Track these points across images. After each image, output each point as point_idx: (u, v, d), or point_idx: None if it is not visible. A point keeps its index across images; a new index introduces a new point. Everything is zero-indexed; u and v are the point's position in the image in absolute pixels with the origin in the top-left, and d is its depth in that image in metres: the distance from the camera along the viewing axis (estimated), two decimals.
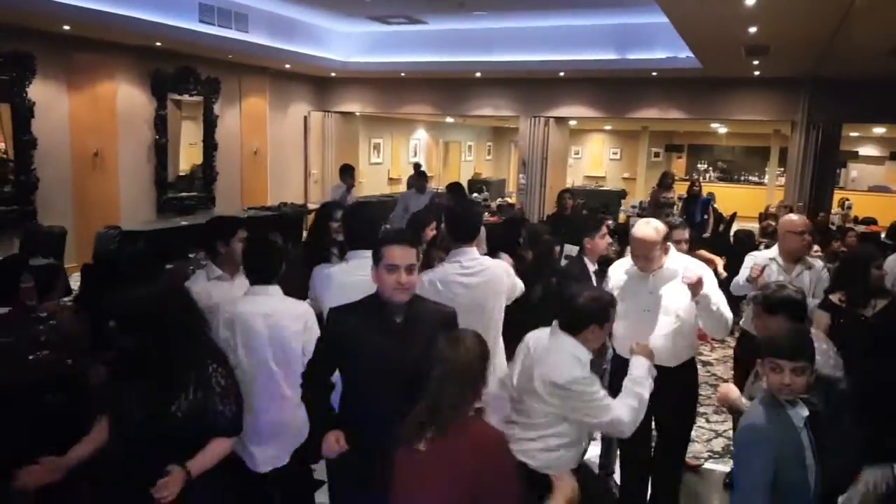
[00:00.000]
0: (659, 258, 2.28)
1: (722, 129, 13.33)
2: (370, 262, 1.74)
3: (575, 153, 14.43)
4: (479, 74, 8.33)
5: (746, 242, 5.23)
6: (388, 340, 1.63)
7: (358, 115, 9.87)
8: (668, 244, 2.32)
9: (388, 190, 11.07)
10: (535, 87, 8.42)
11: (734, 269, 3.01)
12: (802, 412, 1.61)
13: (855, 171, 13.38)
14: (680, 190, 7.82)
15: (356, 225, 2.38)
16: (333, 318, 1.76)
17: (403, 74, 8.61)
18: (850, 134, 11.65)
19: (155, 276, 2.50)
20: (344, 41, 8.24)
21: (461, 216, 2.38)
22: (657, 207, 6.81)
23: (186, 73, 7.14)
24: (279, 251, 2.17)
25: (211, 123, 7.60)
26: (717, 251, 3.77)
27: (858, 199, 10.70)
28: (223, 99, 7.74)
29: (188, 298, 1.69)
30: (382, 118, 10.76)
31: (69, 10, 5.13)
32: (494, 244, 3.25)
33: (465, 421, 1.39)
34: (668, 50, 6.82)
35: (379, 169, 11.45)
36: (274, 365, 2.00)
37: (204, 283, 2.25)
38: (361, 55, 8.29)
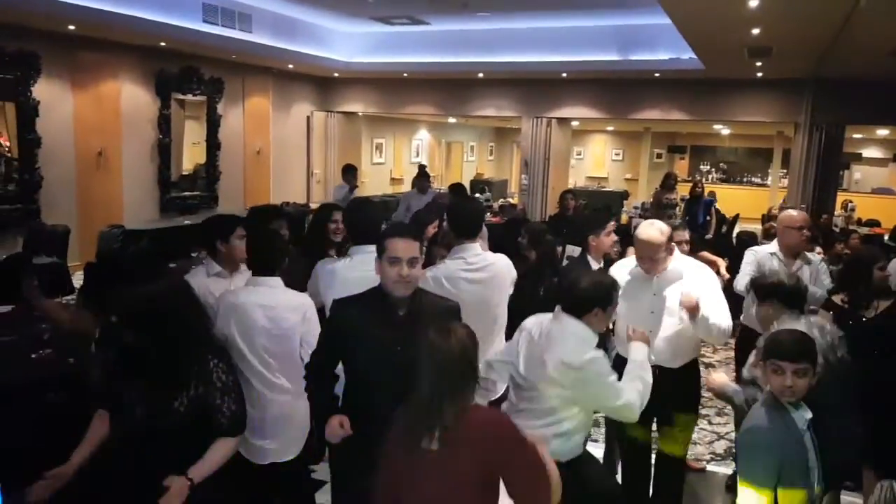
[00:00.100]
0: (664, 260, 2.28)
1: (725, 130, 13.31)
2: (373, 256, 1.74)
3: (577, 154, 14.41)
4: (481, 75, 8.33)
5: (749, 244, 5.21)
6: (391, 333, 1.63)
7: (360, 115, 9.88)
8: (672, 245, 2.32)
9: (390, 190, 11.08)
10: (537, 87, 8.41)
11: (736, 270, 3.01)
12: (805, 414, 1.61)
13: (858, 172, 13.33)
14: (682, 191, 7.82)
15: (358, 220, 2.37)
16: (336, 309, 1.75)
17: (406, 75, 8.61)
18: (853, 136, 11.63)
19: (158, 275, 2.51)
20: (347, 41, 8.25)
21: (464, 212, 2.37)
22: (660, 208, 6.81)
23: (190, 72, 7.16)
24: (282, 243, 2.18)
25: (214, 123, 7.62)
26: (719, 252, 3.75)
27: (862, 201, 10.66)
28: (226, 99, 7.76)
29: (191, 295, 1.69)
30: (385, 118, 10.77)
31: (74, 9, 5.15)
32: (496, 244, 3.25)
33: (466, 410, 1.39)
34: (670, 51, 6.81)
35: (381, 169, 11.46)
36: (272, 357, 2.00)
37: (203, 278, 2.25)
38: (364, 55, 8.30)
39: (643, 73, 7.43)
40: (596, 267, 2.80)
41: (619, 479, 2.70)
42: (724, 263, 3.23)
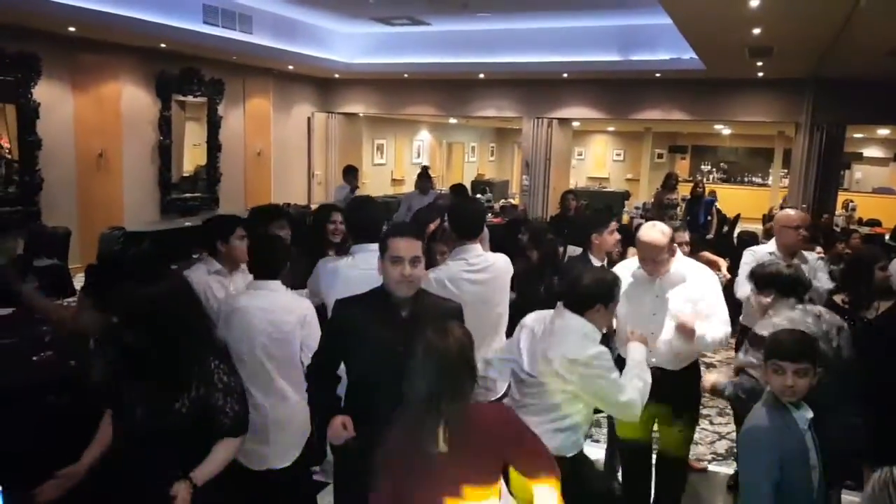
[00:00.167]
0: (666, 261, 2.28)
1: (725, 130, 13.30)
2: (375, 255, 1.74)
3: (578, 154, 14.41)
4: (482, 75, 8.33)
5: (750, 244, 5.20)
6: (393, 334, 1.62)
7: (361, 116, 9.89)
8: (674, 246, 2.32)
9: (391, 191, 11.09)
10: (538, 88, 8.41)
11: (738, 270, 3.00)
12: (806, 414, 1.61)
13: (859, 172, 13.32)
14: (683, 191, 7.81)
15: (360, 219, 2.37)
16: (339, 309, 1.74)
17: (407, 75, 8.62)
18: (854, 135, 11.61)
19: (159, 276, 2.51)
20: (347, 42, 8.26)
21: (465, 212, 2.36)
22: (661, 209, 6.81)
23: (190, 74, 7.17)
24: (284, 247, 2.18)
25: (215, 124, 7.63)
26: (720, 253, 3.75)
27: (863, 200, 10.64)
28: (227, 100, 7.77)
29: (192, 296, 1.69)
30: (386, 119, 10.78)
31: (74, 11, 5.16)
32: (497, 245, 3.25)
33: (469, 409, 1.40)
34: (671, 51, 6.81)
35: (382, 170, 11.47)
36: (272, 361, 1.99)
37: (203, 275, 2.26)
38: (365, 56, 8.31)
39: (644, 73, 7.42)
40: (598, 265, 2.80)
41: (619, 479, 2.71)
42: (724, 264, 3.22)
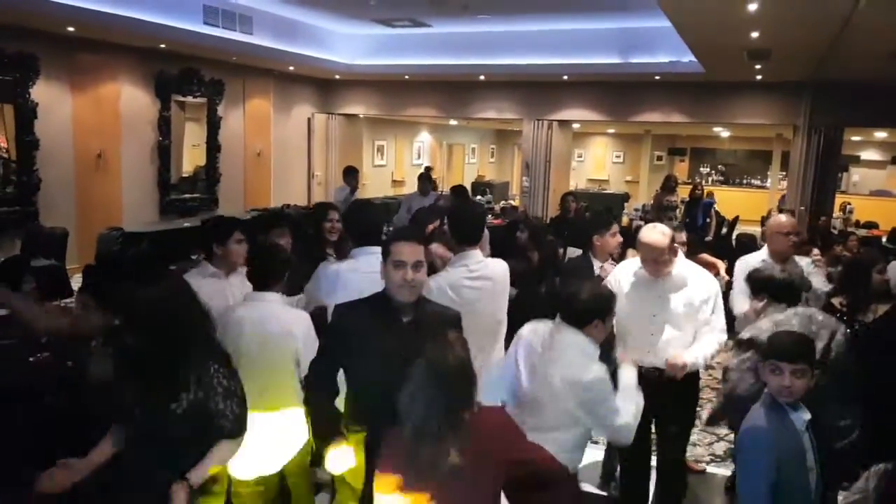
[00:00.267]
0: (669, 262, 2.29)
1: (724, 132, 13.32)
2: (377, 258, 1.73)
3: (578, 156, 14.42)
4: (482, 77, 8.34)
5: (749, 246, 5.22)
6: (394, 341, 1.61)
7: (362, 117, 9.89)
8: (675, 246, 2.32)
9: (391, 192, 11.09)
10: (538, 90, 8.42)
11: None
12: (804, 415, 1.62)
13: (857, 175, 13.34)
14: (683, 193, 7.83)
15: (359, 222, 2.37)
16: (339, 314, 1.73)
17: (407, 77, 8.62)
18: (851, 138, 11.63)
19: (161, 277, 2.51)
20: (348, 43, 8.27)
21: (465, 216, 2.36)
22: (660, 210, 6.82)
23: (190, 74, 7.17)
24: (282, 258, 2.16)
25: (214, 125, 7.63)
26: (718, 254, 3.76)
27: (860, 203, 10.68)
28: (227, 100, 7.76)
29: (193, 298, 1.68)
30: (386, 120, 10.78)
31: (73, 11, 5.15)
32: (498, 246, 3.25)
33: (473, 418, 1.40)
34: (670, 54, 6.82)
35: (382, 171, 11.47)
36: (262, 371, 1.98)
37: (198, 280, 2.24)
38: (366, 57, 8.31)
39: (644, 75, 7.43)
40: (599, 266, 2.80)
41: (618, 480, 2.71)
42: (723, 265, 3.23)
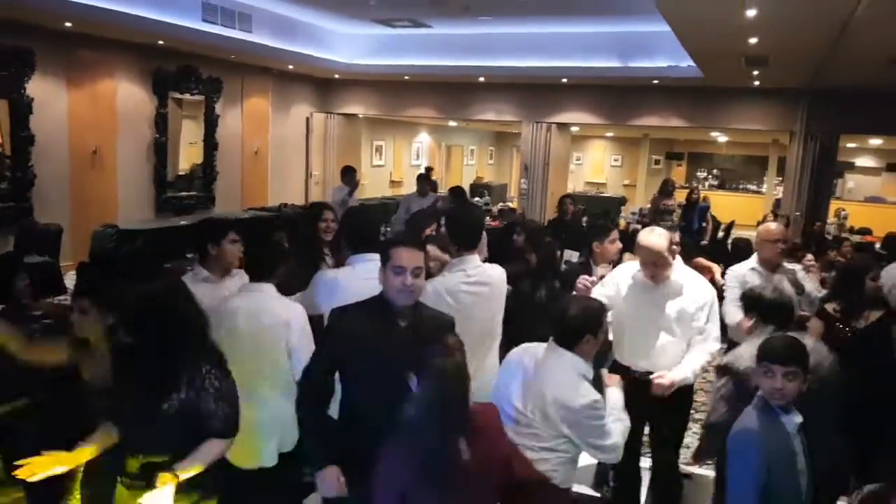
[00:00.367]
0: (668, 265, 2.29)
1: (722, 137, 13.38)
2: (374, 265, 1.73)
3: (576, 159, 14.46)
4: (482, 79, 8.35)
5: (744, 250, 5.23)
6: (391, 345, 1.61)
7: (361, 117, 9.89)
8: (675, 248, 2.33)
9: (389, 192, 11.08)
10: (537, 92, 8.44)
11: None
12: (795, 418, 1.63)
13: (851, 181, 13.43)
14: (680, 197, 7.86)
15: (356, 228, 2.36)
16: (336, 317, 1.72)
17: (407, 77, 8.63)
18: (846, 145, 11.70)
19: (153, 275, 2.50)
20: (348, 43, 8.26)
21: (463, 222, 2.34)
22: (657, 214, 6.85)
23: (188, 71, 7.14)
24: (279, 251, 2.16)
25: (212, 123, 7.60)
26: (714, 258, 3.77)
27: (854, 209, 10.74)
28: (225, 98, 7.74)
29: (189, 296, 1.67)
30: (385, 121, 10.78)
31: (71, 6, 5.13)
32: (495, 248, 3.24)
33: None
34: (669, 58, 6.85)
35: (381, 171, 11.46)
36: (257, 363, 1.98)
37: (191, 285, 2.23)
38: (365, 57, 8.31)
39: (642, 79, 7.46)
40: (600, 274, 2.77)
41: (611, 483, 2.71)
42: (718, 269, 3.24)
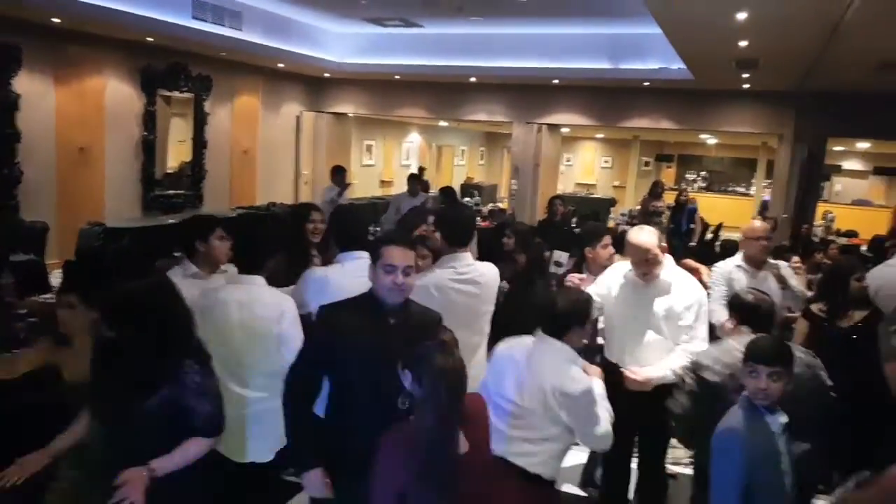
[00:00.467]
0: (658, 263, 2.31)
1: (711, 140, 13.51)
2: (363, 262, 1.73)
3: (567, 160, 14.52)
4: (473, 79, 8.36)
5: (733, 252, 5.28)
6: (380, 342, 1.61)
7: (351, 116, 9.85)
8: (664, 245, 2.35)
9: (379, 192, 11.05)
10: (528, 93, 8.47)
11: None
12: (780, 419, 1.64)
13: (839, 184, 13.62)
14: (669, 199, 7.92)
15: (344, 226, 2.35)
16: (325, 314, 1.72)
17: (398, 77, 8.61)
18: (834, 148, 11.87)
19: (140, 273, 2.47)
20: (339, 42, 8.23)
21: (455, 220, 2.34)
22: (646, 216, 6.91)
23: (177, 69, 7.07)
24: (268, 244, 2.15)
25: (201, 121, 7.53)
26: (702, 260, 3.80)
27: (841, 212, 10.88)
28: (214, 96, 7.68)
29: (174, 294, 1.66)
30: (375, 120, 10.75)
31: (59, 2, 5.07)
32: (485, 248, 3.25)
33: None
34: (660, 60, 6.90)
35: (371, 171, 11.43)
36: (249, 355, 1.97)
37: (179, 279, 2.21)
38: (356, 56, 8.28)
39: (633, 81, 7.51)
40: (593, 279, 2.78)
41: (598, 481, 2.72)
42: (706, 271, 3.27)
